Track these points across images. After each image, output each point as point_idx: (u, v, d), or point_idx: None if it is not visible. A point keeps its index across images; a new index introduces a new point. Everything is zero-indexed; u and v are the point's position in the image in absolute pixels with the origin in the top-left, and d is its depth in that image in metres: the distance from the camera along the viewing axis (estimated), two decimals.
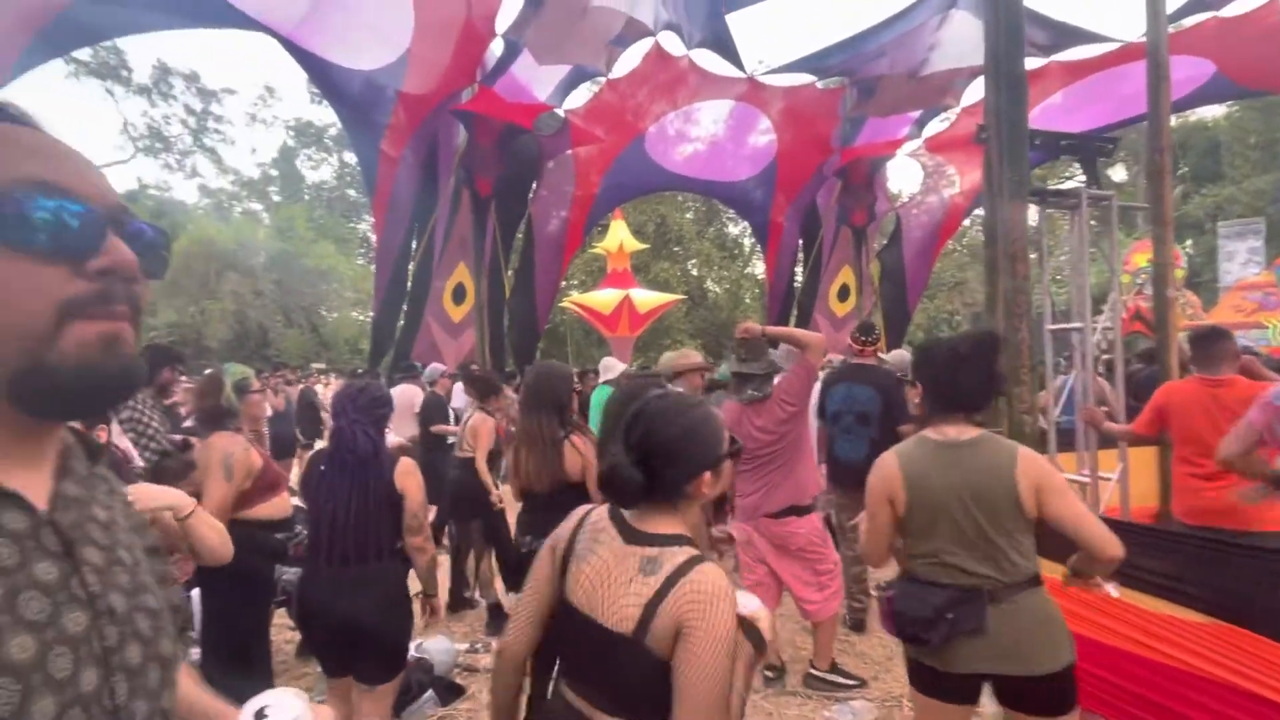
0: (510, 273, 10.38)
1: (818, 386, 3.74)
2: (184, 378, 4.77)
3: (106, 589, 0.53)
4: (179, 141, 28.41)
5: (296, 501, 2.74)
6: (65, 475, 0.55)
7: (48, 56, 5.60)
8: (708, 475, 1.21)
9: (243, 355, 21.36)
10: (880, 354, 4.30)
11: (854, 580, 3.71)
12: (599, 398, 4.85)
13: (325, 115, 32.08)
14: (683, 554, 1.14)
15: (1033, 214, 3.66)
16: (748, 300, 26.16)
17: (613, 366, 5.05)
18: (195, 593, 2.60)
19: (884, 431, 3.38)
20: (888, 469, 1.85)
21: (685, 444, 1.19)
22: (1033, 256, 3.58)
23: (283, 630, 3.59)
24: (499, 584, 4.08)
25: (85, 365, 0.48)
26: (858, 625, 3.74)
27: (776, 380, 2.88)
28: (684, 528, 1.22)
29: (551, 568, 1.28)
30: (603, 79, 8.74)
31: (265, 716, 0.69)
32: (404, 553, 2.35)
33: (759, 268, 26.43)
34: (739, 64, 8.31)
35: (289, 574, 2.56)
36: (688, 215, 25.63)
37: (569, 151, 9.62)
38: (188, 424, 3.77)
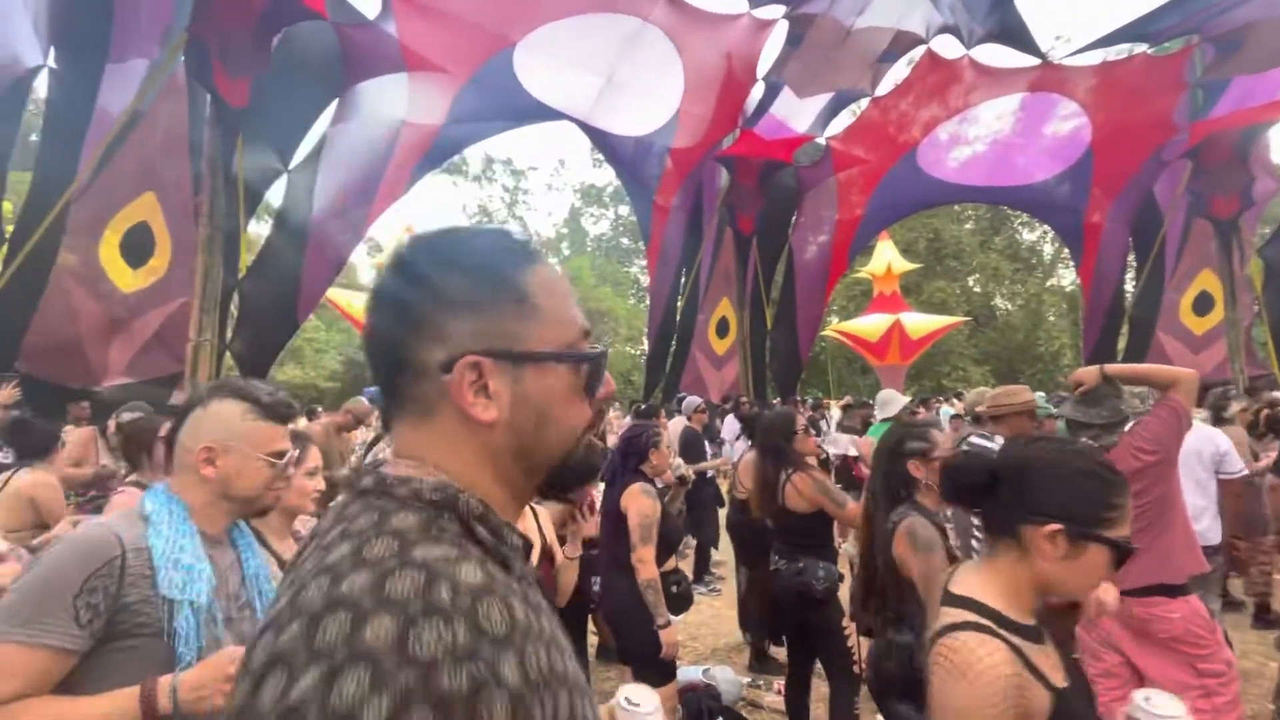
0: (771, 305, 10.48)
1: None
2: None
3: None
4: (498, 214, 35.46)
5: None
6: None
7: (428, 170, 7.55)
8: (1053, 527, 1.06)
9: None
10: None
11: None
12: (878, 434, 4.56)
13: (603, 176, 36.80)
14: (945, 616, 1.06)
15: None
16: (1051, 317, 22.07)
17: (892, 401, 4.70)
18: None
19: None
20: None
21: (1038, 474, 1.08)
22: None
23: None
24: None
25: (585, 462, 0.63)
26: None
27: (1128, 428, 2.35)
28: (996, 586, 1.08)
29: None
30: (866, 99, 8.44)
31: (634, 703, 0.82)
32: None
33: (1067, 278, 22.19)
34: (1035, 51, 7.25)
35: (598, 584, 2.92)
36: (966, 226, 22.83)
37: (831, 178, 9.42)
38: None
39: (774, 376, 10.25)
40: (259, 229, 11.91)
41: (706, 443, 6.03)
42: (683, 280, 9.68)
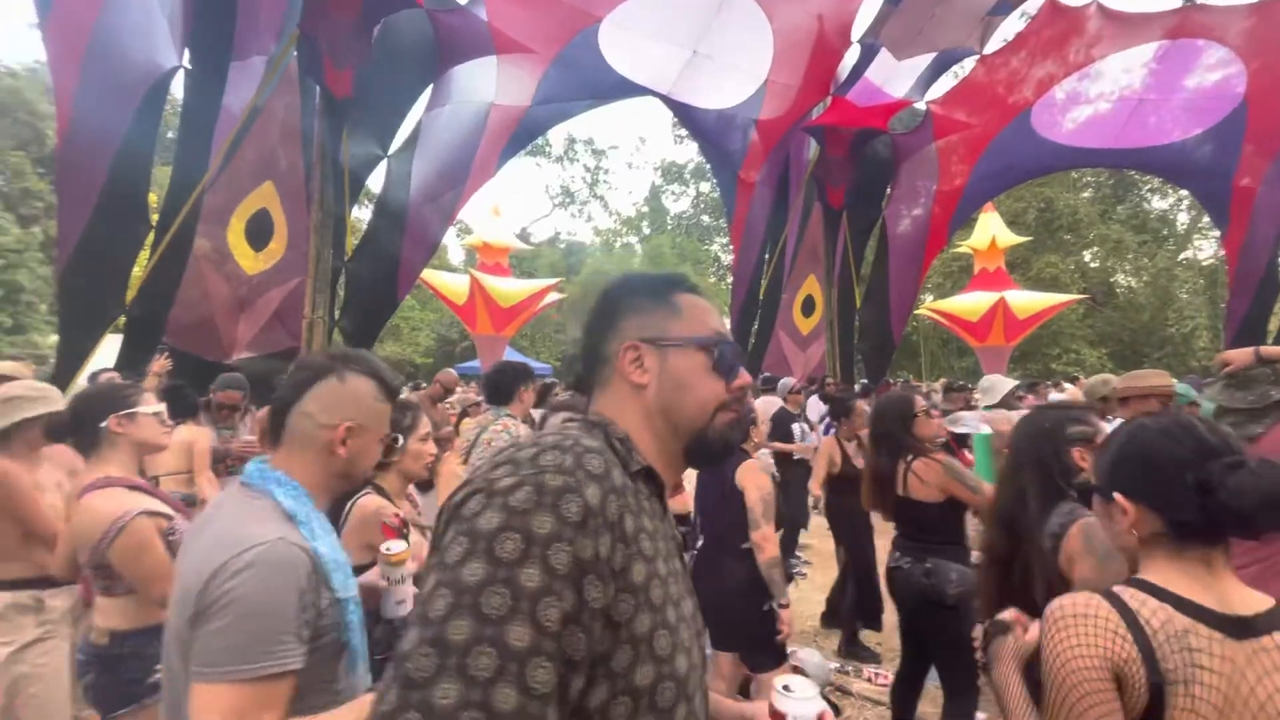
0: (861, 282, 10.01)
1: None
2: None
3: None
4: (580, 194, 35.91)
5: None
6: None
7: (515, 152, 7.71)
8: None
9: None
10: None
11: None
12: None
13: (684, 153, 36.43)
14: None
15: None
16: (1184, 294, 19.83)
17: (997, 386, 4.36)
18: None
19: None
20: None
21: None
22: None
23: None
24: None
25: (722, 437, 0.83)
26: None
27: None
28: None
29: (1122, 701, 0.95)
30: (972, 58, 7.78)
31: (791, 690, 0.84)
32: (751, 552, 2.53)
33: (1205, 250, 19.84)
34: None
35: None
36: (1084, 195, 20.81)
37: (931, 145, 8.81)
38: None
39: (863, 357, 9.84)
40: (361, 214, 12.68)
41: (799, 424, 5.95)
42: (767, 257, 9.42)
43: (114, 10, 5.03)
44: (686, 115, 8.23)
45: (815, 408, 6.79)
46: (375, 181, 7.73)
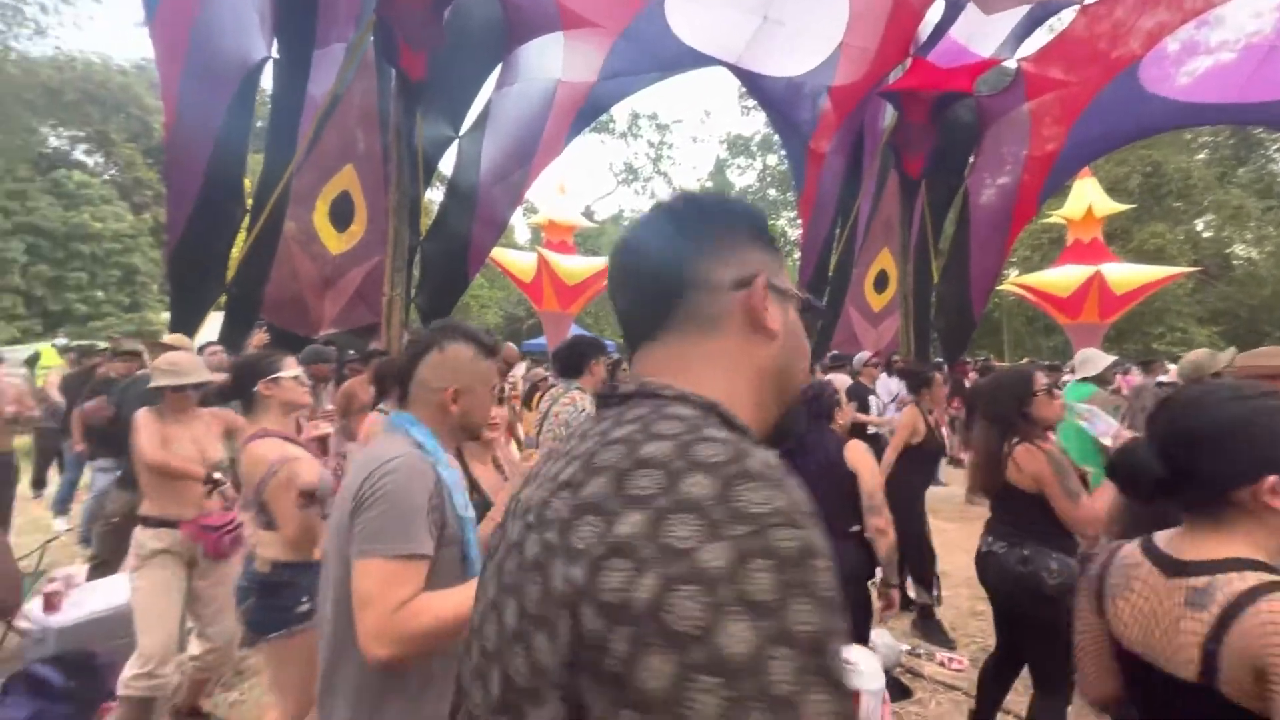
0: (939, 256, 9.51)
1: None
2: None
3: None
4: (643, 170, 35.67)
5: None
6: None
7: (581, 128, 7.73)
8: (1271, 481, 0.96)
9: None
10: None
11: None
12: (1075, 397, 4.00)
13: (750, 125, 35.52)
14: (1241, 581, 0.94)
15: None
16: None
17: (1094, 359, 4.07)
18: None
19: None
20: None
21: (1227, 436, 0.99)
22: None
23: None
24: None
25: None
26: None
27: None
28: (1246, 548, 0.98)
29: (1090, 610, 1.22)
30: (1071, 8, 7.14)
31: (852, 662, 0.80)
32: (858, 536, 2.42)
33: None
34: None
35: None
36: (1198, 157, 18.90)
37: (1023, 107, 8.19)
38: None
39: (939, 335, 9.39)
40: (433, 195, 13.11)
41: (874, 398, 5.81)
42: (838, 231, 9.09)
43: (211, 7, 5.35)
44: (755, 85, 7.98)
45: (884, 387, 6.55)
46: (446, 164, 7.96)
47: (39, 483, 6.99)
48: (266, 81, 6.19)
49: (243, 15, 5.68)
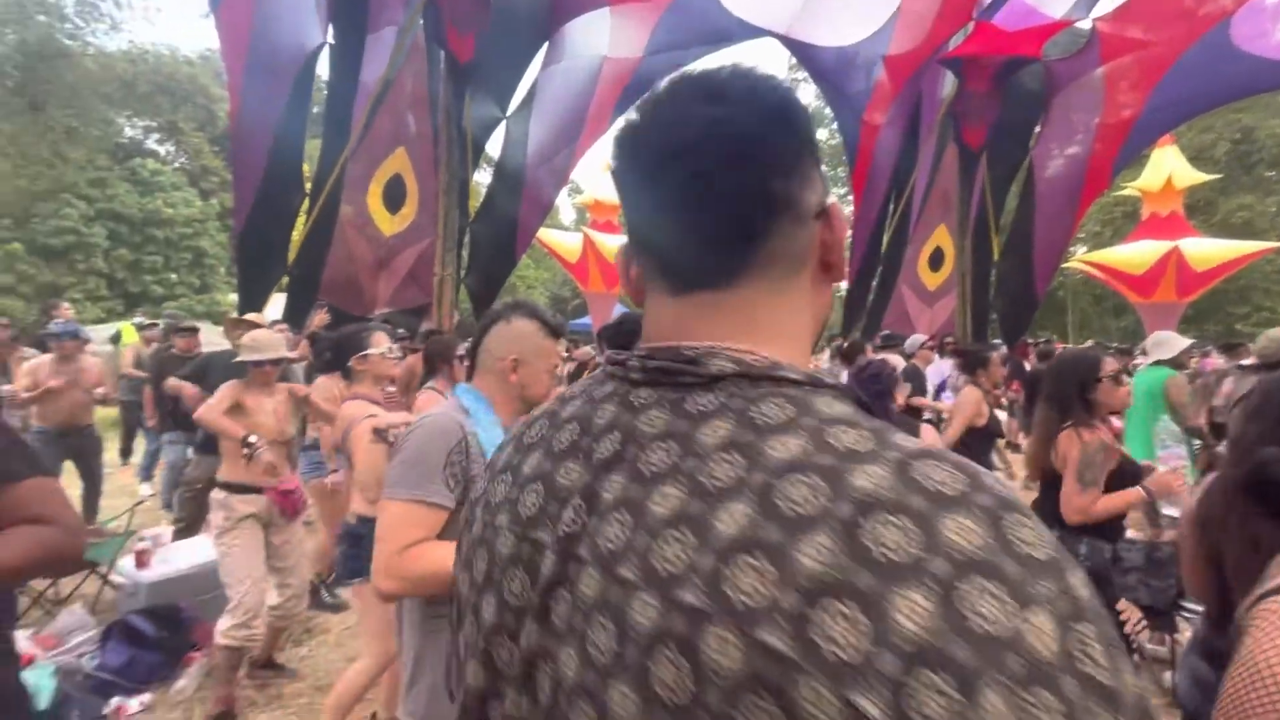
0: (1000, 232, 9.06)
1: None
2: None
3: None
4: None
5: None
6: None
7: (628, 106, 7.65)
8: None
9: None
10: None
11: None
12: (1146, 382, 3.78)
13: (803, 98, 34.44)
14: None
15: None
16: None
17: (1169, 341, 3.82)
18: None
19: None
20: None
21: None
22: None
23: None
24: None
25: None
26: None
27: None
28: None
29: None
30: None
31: None
32: None
33: None
34: None
35: None
36: None
37: (1096, 71, 7.66)
38: None
39: (998, 315, 9.00)
40: (480, 178, 13.28)
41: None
42: (891, 207, 8.77)
43: None
44: (806, 56, 7.72)
45: (934, 370, 6.31)
46: (493, 146, 8.02)
47: (125, 452, 7.53)
48: (321, 68, 6.38)
49: (300, 2, 5.83)
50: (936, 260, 9.56)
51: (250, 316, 4.46)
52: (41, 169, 15.28)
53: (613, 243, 13.14)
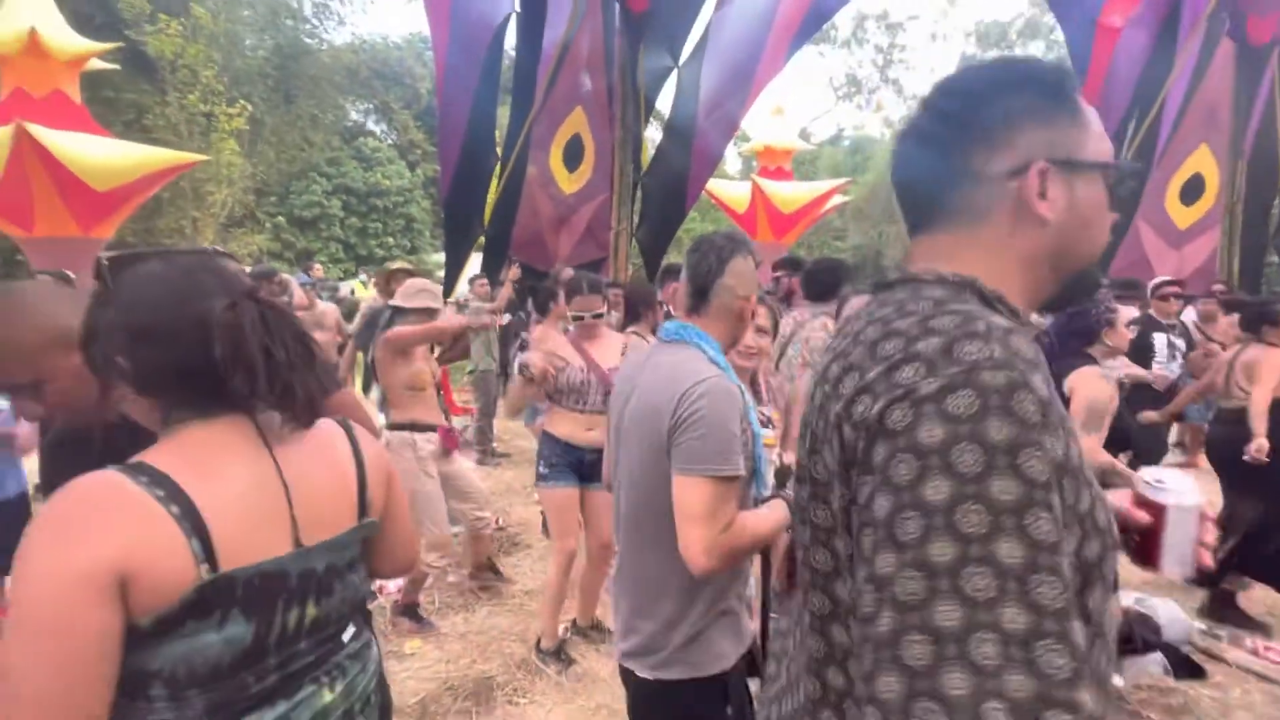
0: None
1: None
2: None
3: None
4: (869, 81, 31.96)
5: None
6: None
7: (804, 41, 7.16)
8: None
9: None
10: None
11: None
12: None
13: (1010, 9, 29.56)
14: None
15: None
16: None
17: None
18: None
19: None
20: None
21: None
22: None
23: None
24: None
25: (1092, 278, 0.77)
26: None
27: None
28: None
29: None
30: None
31: (1162, 483, 0.75)
32: None
33: None
34: None
35: None
36: None
37: None
38: None
39: None
40: (651, 133, 13.38)
41: (1165, 335, 4.72)
42: (1131, 126, 7.28)
43: None
44: None
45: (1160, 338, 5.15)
46: (663, 103, 7.98)
47: (366, 386, 9.07)
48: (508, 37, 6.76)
49: None
50: (1192, 191, 7.80)
51: (401, 264, 5.03)
52: (295, 153, 18.35)
53: (784, 190, 12.60)
